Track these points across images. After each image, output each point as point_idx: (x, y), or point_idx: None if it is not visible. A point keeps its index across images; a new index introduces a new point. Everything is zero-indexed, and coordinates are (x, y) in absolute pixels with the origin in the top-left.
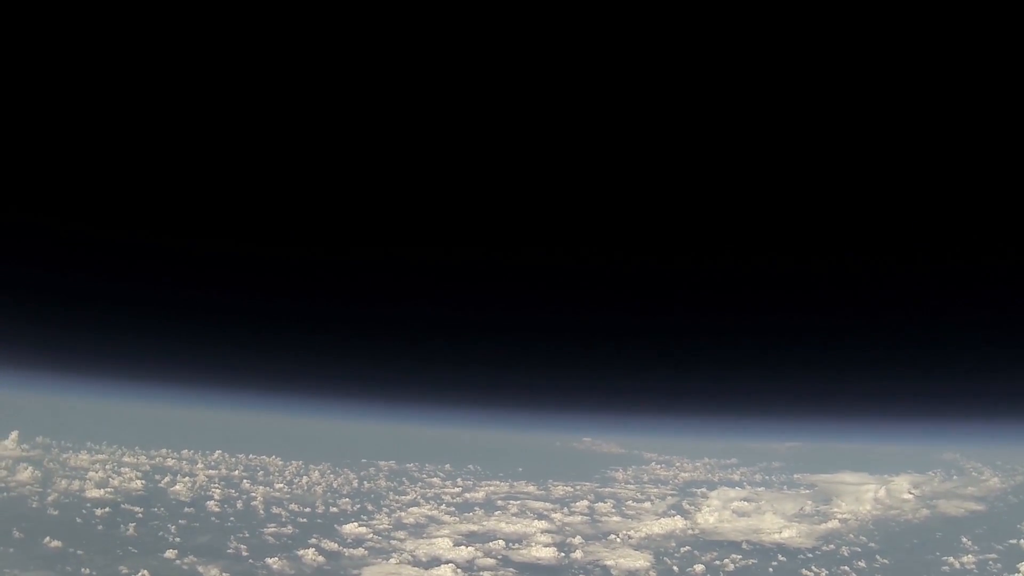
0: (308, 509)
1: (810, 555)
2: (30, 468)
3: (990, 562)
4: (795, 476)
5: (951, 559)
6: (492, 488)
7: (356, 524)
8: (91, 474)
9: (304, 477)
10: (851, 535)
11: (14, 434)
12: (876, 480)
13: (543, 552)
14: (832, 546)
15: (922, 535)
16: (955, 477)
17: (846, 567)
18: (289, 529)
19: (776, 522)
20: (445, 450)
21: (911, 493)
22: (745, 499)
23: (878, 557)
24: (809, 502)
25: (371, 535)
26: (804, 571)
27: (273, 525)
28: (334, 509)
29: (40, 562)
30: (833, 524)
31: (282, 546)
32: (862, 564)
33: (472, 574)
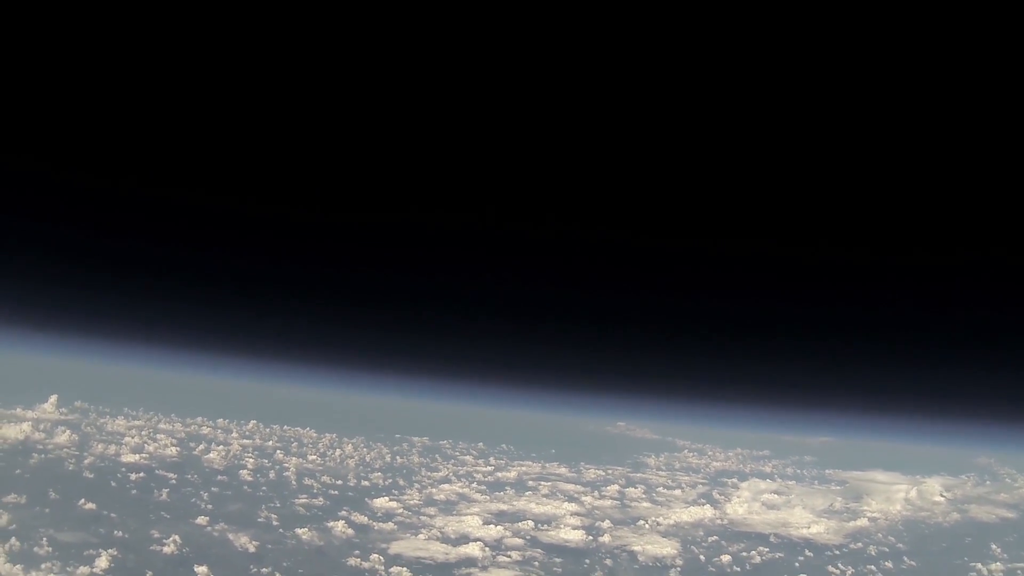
0: (340, 482)
1: (837, 552)
2: (68, 431)
3: (1019, 571)
4: (827, 471)
5: (979, 566)
6: (524, 468)
7: (387, 498)
8: (127, 439)
9: (337, 450)
10: (880, 535)
11: (53, 398)
12: (908, 480)
13: (571, 534)
14: (860, 544)
15: (951, 539)
16: (988, 482)
17: (872, 567)
18: (320, 501)
19: (805, 517)
20: (479, 429)
21: (943, 496)
22: (775, 492)
23: (905, 559)
24: (839, 498)
25: (401, 510)
26: (831, 568)
27: (304, 496)
28: (366, 483)
29: (74, 523)
30: (862, 522)
31: (312, 517)
32: (889, 565)
33: (500, 553)
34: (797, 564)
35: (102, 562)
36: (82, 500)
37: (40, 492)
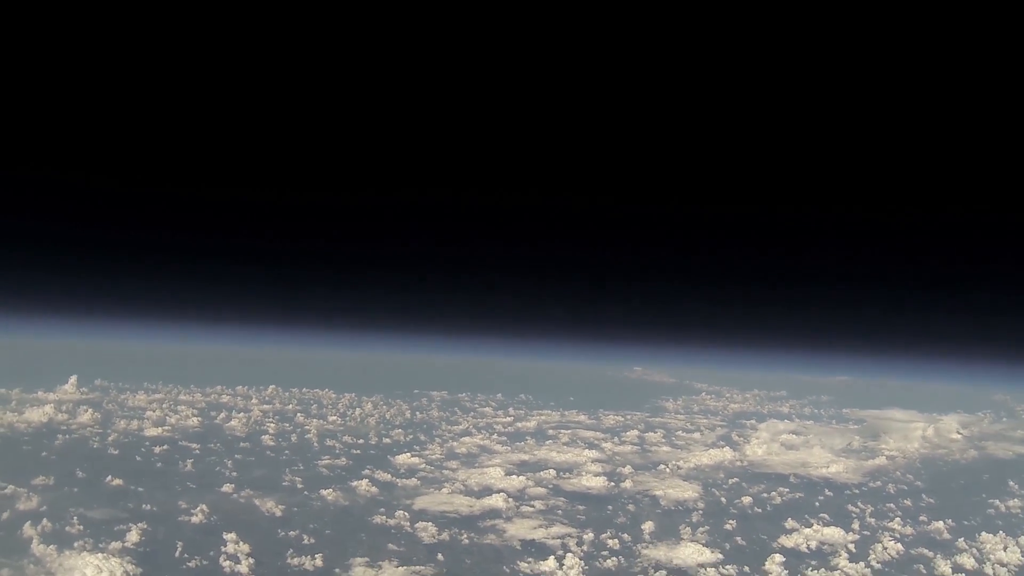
0: (361, 441)
1: (856, 491)
2: (90, 410)
3: None
4: (844, 410)
5: (997, 502)
6: (543, 417)
7: (409, 455)
8: (149, 413)
9: (357, 409)
10: (898, 472)
11: (73, 378)
12: (925, 418)
13: (593, 481)
14: (879, 483)
15: (969, 476)
16: (1005, 419)
17: (892, 504)
18: (343, 461)
19: (824, 456)
20: (497, 380)
21: (960, 433)
22: (794, 432)
23: (924, 496)
24: (857, 437)
25: (424, 465)
26: (850, 507)
27: (327, 457)
28: (387, 440)
29: (103, 500)
30: (880, 461)
31: (336, 478)
32: (908, 503)
33: (523, 503)
34: (817, 504)
35: (133, 536)
36: (109, 477)
37: (67, 472)
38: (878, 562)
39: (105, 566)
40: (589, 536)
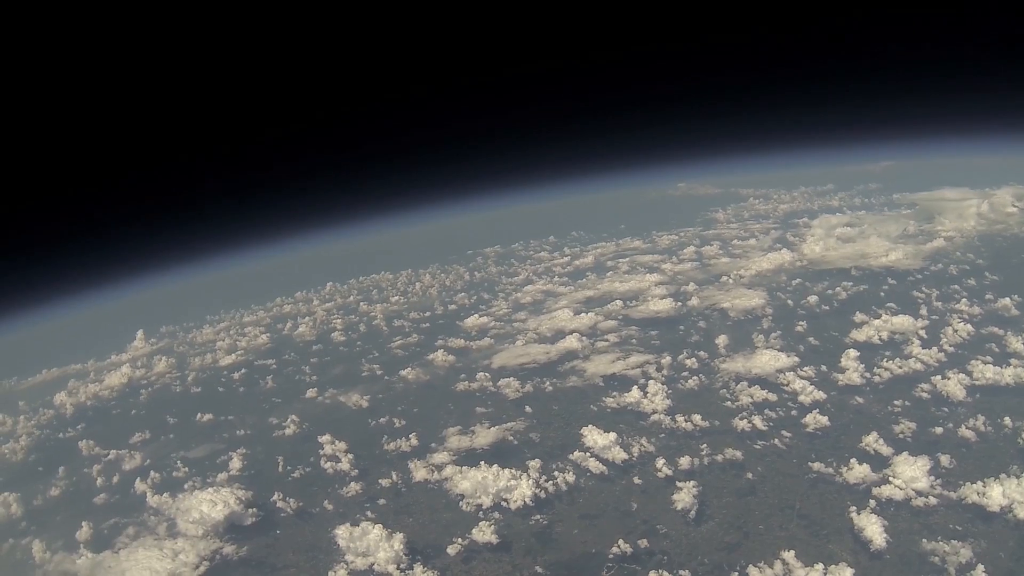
0: (427, 313)
1: (919, 276)
2: (164, 358)
3: None
4: (894, 196)
5: None
6: (599, 250)
7: (477, 316)
8: (219, 344)
9: (416, 283)
10: (958, 253)
11: (140, 333)
12: (978, 194)
13: (660, 305)
14: (940, 265)
15: None
16: None
17: (956, 286)
18: (414, 338)
19: (881, 245)
20: (545, 222)
21: (1015, 206)
22: (848, 224)
23: (987, 274)
24: (912, 222)
25: (493, 323)
26: (915, 293)
27: (399, 338)
28: (452, 306)
29: (200, 438)
30: (939, 243)
31: (412, 356)
32: (972, 282)
33: (597, 339)
34: (882, 294)
35: (235, 463)
36: (199, 414)
37: (159, 422)
38: (950, 345)
39: (218, 498)
40: (667, 360)
